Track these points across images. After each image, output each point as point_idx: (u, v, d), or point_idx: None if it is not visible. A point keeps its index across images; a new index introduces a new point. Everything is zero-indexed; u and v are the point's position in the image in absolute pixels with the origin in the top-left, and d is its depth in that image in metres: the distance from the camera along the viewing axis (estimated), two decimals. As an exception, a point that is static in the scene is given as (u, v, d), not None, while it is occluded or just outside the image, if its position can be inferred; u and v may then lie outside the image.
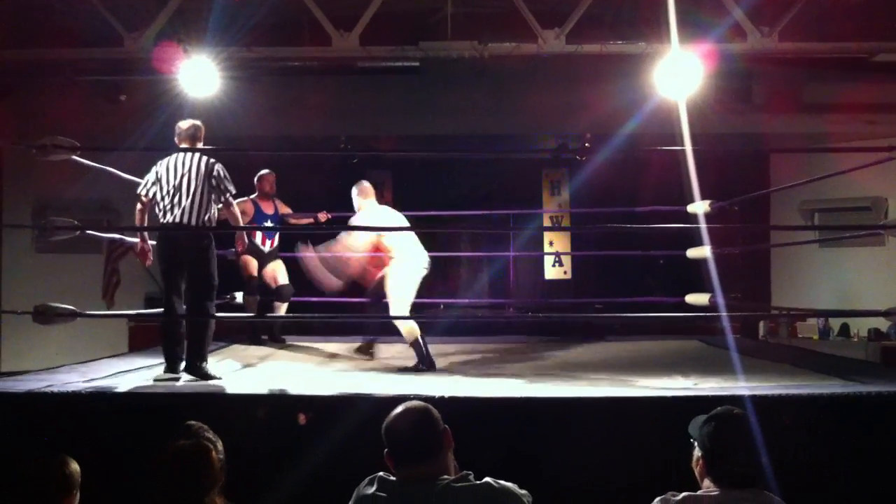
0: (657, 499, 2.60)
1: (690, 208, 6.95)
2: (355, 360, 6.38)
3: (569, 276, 11.04)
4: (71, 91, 8.36)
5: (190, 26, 7.06)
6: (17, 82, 8.46)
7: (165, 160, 5.31)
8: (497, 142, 10.05)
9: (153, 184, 5.28)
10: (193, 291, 5.22)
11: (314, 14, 6.96)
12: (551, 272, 11.09)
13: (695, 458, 2.70)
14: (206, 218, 5.23)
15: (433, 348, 6.86)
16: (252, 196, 7.30)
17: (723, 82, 7.91)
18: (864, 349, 8.98)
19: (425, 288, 6.45)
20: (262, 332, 7.35)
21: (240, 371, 5.58)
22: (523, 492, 2.48)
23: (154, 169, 5.30)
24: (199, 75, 6.82)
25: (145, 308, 9.00)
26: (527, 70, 7.97)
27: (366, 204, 6.41)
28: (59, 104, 8.33)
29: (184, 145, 5.35)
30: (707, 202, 6.79)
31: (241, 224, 5.77)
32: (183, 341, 5.18)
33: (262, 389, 4.55)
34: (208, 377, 5.00)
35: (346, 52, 7.09)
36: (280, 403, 4.29)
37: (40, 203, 9.71)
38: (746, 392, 4.20)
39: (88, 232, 5.58)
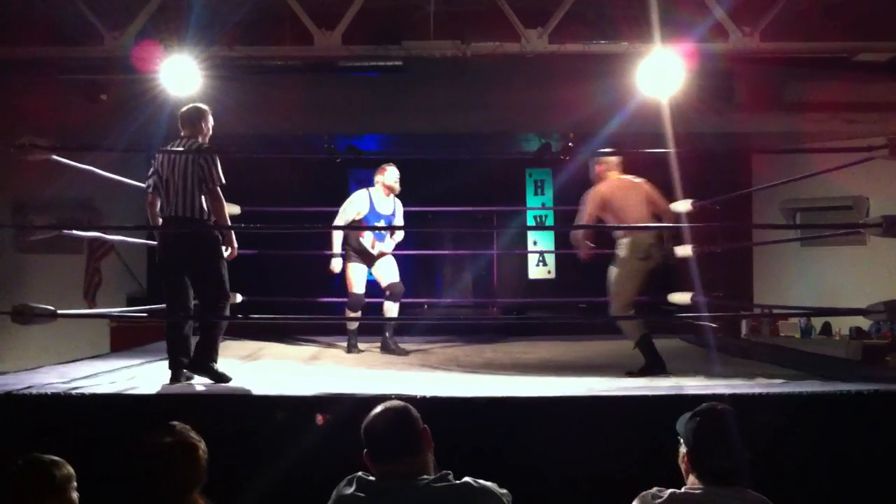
0: (642, 493, 2.61)
1: (672, 207, 6.96)
2: (340, 359, 6.39)
3: (553, 275, 11.03)
4: (51, 89, 8.28)
5: (171, 25, 7.00)
6: (-5, 79, 8.38)
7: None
8: (480, 140, 10.03)
9: (151, 176, 5.08)
10: (203, 290, 4.97)
11: (296, 11, 6.94)
12: (535, 272, 11.08)
13: (681, 454, 2.74)
14: (205, 208, 4.93)
15: (415, 347, 6.88)
16: (369, 189, 6.99)
17: (704, 82, 7.91)
18: (846, 348, 9.02)
19: (410, 286, 6.49)
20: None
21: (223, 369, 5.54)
22: (503, 491, 2.48)
23: (153, 161, 5.11)
24: (180, 74, 6.75)
25: (127, 308, 8.94)
26: (510, 68, 7.97)
27: None
28: (39, 102, 8.24)
29: (184, 131, 5.12)
30: (689, 201, 6.83)
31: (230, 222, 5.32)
32: (189, 348, 4.94)
33: (245, 390, 4.54)
34: (220, 378, 4.80)
35: (328, 52, 7.04)
36: (260, 404, 4.28)
37: (19, 202, 9.63)
38: (727, 391, 4.22)
39: (69, 231, 5.53)
